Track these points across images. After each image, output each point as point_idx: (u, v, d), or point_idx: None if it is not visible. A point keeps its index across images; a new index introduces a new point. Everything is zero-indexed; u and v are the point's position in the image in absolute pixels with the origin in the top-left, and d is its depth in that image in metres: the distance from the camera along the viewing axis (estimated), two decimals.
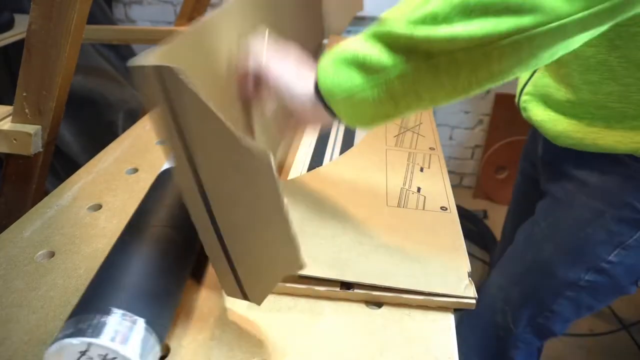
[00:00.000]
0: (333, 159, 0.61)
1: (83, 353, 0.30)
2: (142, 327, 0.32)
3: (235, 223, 0.35)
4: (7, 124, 0.62)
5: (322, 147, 0.63)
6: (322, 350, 0.37)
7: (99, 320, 0.31)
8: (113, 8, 1.71)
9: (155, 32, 1.24)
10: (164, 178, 0.48)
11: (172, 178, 0.47)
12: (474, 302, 0.41)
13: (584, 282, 0.64)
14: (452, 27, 0.34)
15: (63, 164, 1.31)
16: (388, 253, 0.44)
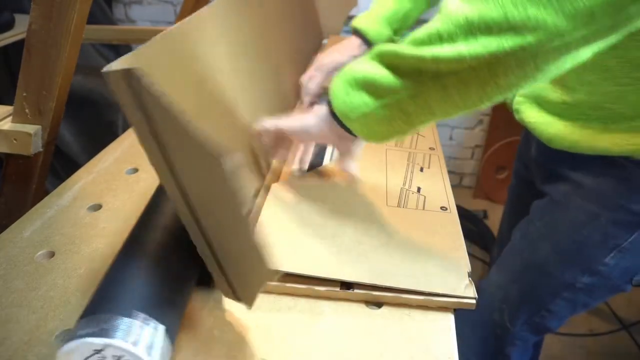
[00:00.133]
0: (333, 159, 0.61)
1: (98, 351, 0.30)
2: (162, 333, 0.32)
3: (216, 225, 0.35)
4: (7, 124, 0.62)
5: (322, 146, 0.63)
6: (322, 350, 0.37)
7: (124, 323, 0.30)
8: (113, 8, 1.71)
9: (155, 32, 1.23)
10: None
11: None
12: (474, 302, 0.41)
13: (581, 283, 0.65)
14: (456, 46, 0.34)
15: (63, 164, 1.31)
16: (388, 253, 0.44)
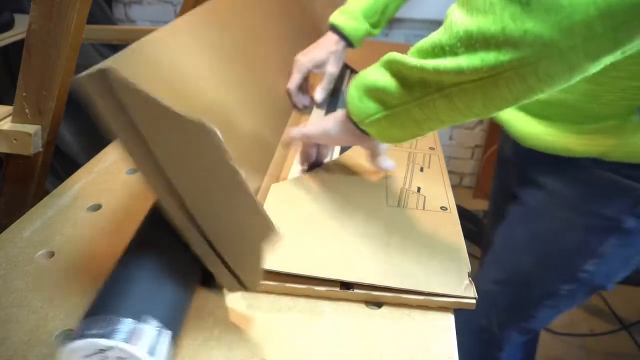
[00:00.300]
0: (333, 158, 0.61)
1: (101, 351, 0.30)
2: (167, 339, 0.32)
3: (208, 210, 0.35)
4: (7, 124, 0.62)
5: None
6: (322, 350, 0.37)
7: (135, 327, 0.31)
8: (113, 8, 1.71)
9: None
10: None
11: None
12: (474, 302, 0.41)
13: (564, 290, 0.66)
14: (457, 59, 0.34)
15: (63, 164, 1.31)
16: (388, 253, 0.44)
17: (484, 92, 0.35)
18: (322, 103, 0.76)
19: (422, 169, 0.60)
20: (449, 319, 0.41)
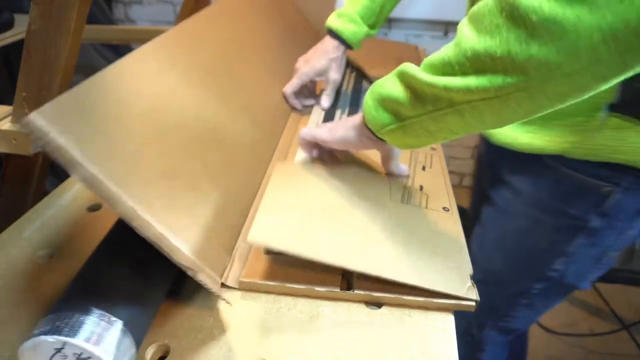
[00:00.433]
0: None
1: (58, 350, 0.30)
2: (118, 328, 0.32)
3: None
4: (7, 124, 0.61)
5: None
6: (322, 350, 0.37)
7: (77, 320, 0.31)
8: (113, 8, 1.71)
9: (155, 32, 1.23)
10: None
11: None
12: (474, 304, 0.41)
13: (535, 289, 0.66)
14: (466, 79, 0.34)
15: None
16: (392, 247, 0.44)
17: (495, 110, 0.35)
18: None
19: (424, 168, 0.60)
20: (449, 320, 0.41)
